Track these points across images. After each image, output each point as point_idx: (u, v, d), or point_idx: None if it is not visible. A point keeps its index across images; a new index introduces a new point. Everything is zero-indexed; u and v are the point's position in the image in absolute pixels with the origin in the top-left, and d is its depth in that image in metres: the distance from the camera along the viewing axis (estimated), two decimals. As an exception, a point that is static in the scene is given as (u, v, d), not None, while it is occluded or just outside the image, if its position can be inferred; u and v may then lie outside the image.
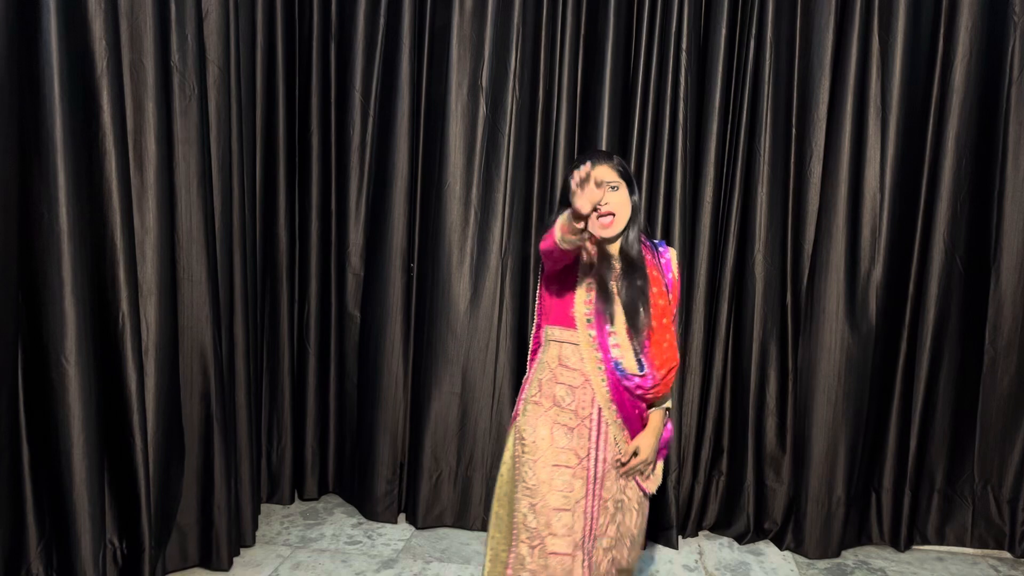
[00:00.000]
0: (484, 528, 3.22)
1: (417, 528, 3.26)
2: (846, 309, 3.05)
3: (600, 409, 2.00)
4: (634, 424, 2.05)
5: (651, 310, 1.98)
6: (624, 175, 2.00)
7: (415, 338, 3.34)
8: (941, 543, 3.23)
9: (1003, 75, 3.01)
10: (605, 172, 1.96)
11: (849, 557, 3.13)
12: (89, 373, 2.26)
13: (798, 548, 3.12)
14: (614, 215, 1.97)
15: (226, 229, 2.73)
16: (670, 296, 2.05)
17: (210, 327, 2.65)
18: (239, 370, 2.91)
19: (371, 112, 3.27)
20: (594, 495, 2.00)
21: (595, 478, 2.00)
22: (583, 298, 1.99)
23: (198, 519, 2.72)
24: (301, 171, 3.33)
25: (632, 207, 2.00)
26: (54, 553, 2.35)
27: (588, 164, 1.75)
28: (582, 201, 1.69)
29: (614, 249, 2.03)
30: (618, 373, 1.98)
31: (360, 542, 3.11)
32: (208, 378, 2.67)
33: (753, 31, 3.02)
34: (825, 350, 3.06)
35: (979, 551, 3.22)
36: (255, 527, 3.07)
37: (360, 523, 3.28)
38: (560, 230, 1.81)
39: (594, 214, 1.90)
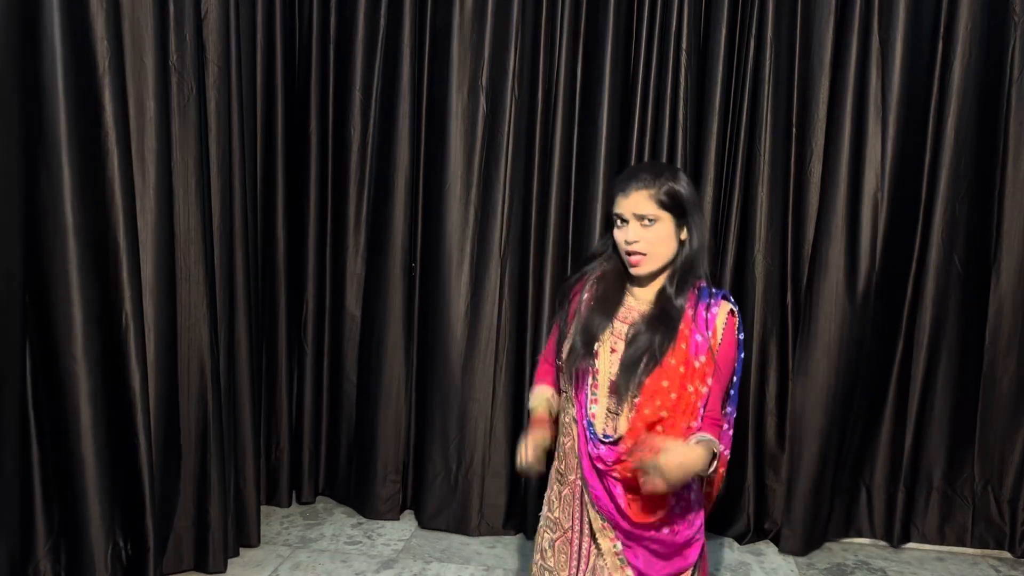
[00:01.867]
0: (483, 533, 3.22)
1: (419, 528, 3.25)
2: (845, 308, 3.04)
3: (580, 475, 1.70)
4: (612, 516, 1.65)
5: (653, 376, 1.59)
6: (668, 205, 1.61)
7: (416, 338, 3.34)
8: (941, 543, 3.23)
9: (1004, 75, 3.00)
10: (639, 203, 1.61)
11: (849, 557, 3.13)
12: (96, 372, 2.26)
13: (786, 543, 3.15)
14: (645, 255, 1.63)
15: (226, 229, 2.73)
16: (701, 359, 1.61)
17: (207, 327, 2.64)
18: (241, 371, 2.90)
19: (371, 112, 3.27)
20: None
21: (579, 556, 1.71)
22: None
23: (194, 522, 2.72)
24: (301, 171, 3.32)
25: (681, 243, 1.65)
26: (62, 552, 2.34)
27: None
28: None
29: (648, 291, 1.69)
30: (588, 434, 1.66)
31: (360, 542, 3.11)
32: (205, 378, 2.67)
33: (753, 31, 3.02)
34: (823, 351, 3.06)
35: (979, 551, 3.22)
36: (259, 527, 3.06)
37: (360, 523, 3.28)
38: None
39: (628, 254, 1.65)
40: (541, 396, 1.82)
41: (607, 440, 1.63)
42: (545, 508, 1.81)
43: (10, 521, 2.21)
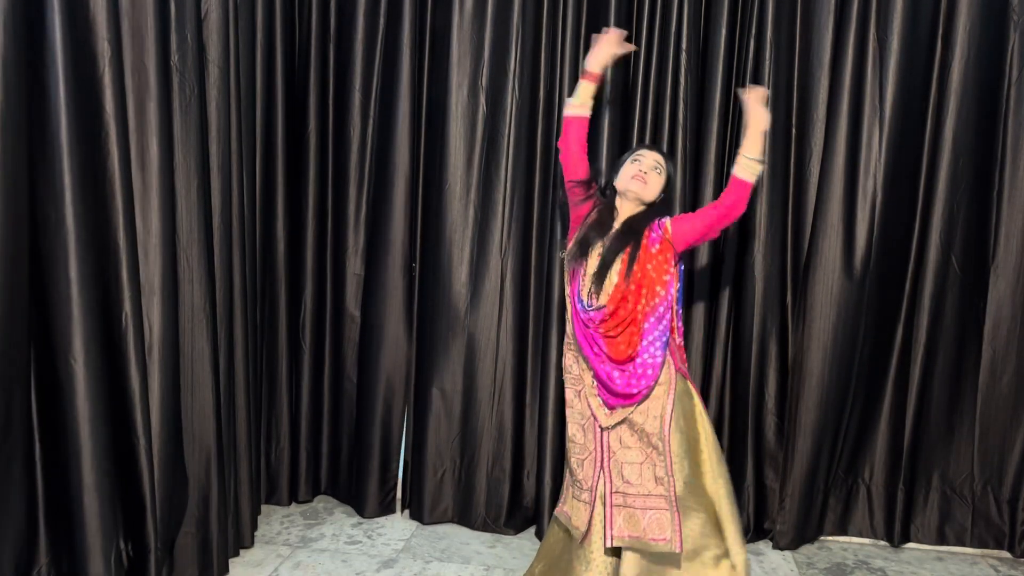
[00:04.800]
0: (486, 527, 3.23)
1: (421, 524, 3.26)
2: (841, 307, 3.05)
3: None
4: (597, 367, 2.42)
5: (631, 271, 2.39)
6: (667, 172, 2.51)
7: (416, 338, 3.35)
8: (941, 543, 3.24)
9: (1003, 76, 3.00)
10: (657, 159, 2.49)
11: (849, 557, 3.14)
12: (97, 373, 2.25)
13: (779, 537, 3.17)
14: (645, 182, 2.45)
15: (225, 229, 2.73)
16: (656, 247, 2.43)
17: (208, 327, 2.64)
18: (238, 371, 2.90)
19: (371, 112, 3.27)
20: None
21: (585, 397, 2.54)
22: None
23: (198, 525, 2.71)
24: (300, 171, 3.32)
25: (660, 195, 2.50)
26: (64, 556, 2.34)
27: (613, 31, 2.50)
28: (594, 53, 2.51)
29: (620, 217, 2.49)
30: (579, 305, 2.46)
31: (360, 542, 3.11)
32: (207, 379, 2.67)
33: (753, 31, 3.02)
34: (819, 349, 3.07)
35: (978, 551, 3.22)
36: (254, 528, 3.06)
37: (360, 523, 3.28)
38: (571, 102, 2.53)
39: (635, 175, 2.46)
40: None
41: (591, 308, 2.42)
42: (565, 373, 2.60)
43: (15, 526, 2.21)
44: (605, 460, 2.44)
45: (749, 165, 2.39)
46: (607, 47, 2.52)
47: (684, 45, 3.05)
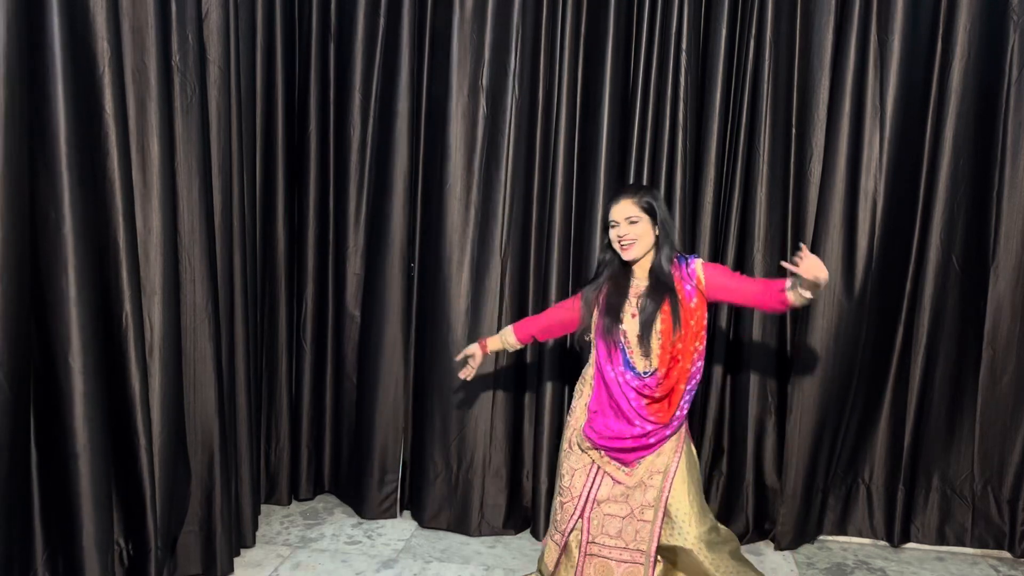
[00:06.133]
0: (485, 527, 3.22)
1: (419, 527, 3.26)
2: (842, 307, 3.05)
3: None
4: (611, 427, 2.34)
5: (676, 327, 2.28)
6: (646, 208, 2.30)
7: (416, 339, 3.35)
8: (941, 543, 3.23)
9: (1002, 76, 3.00)
10: (626, 208, 2.30)
11: (849, 557, 3.14)
12: (95, 374, 2.25)
13: (780, 538, 3.16)
14: (635, 241, 2.30)
15: (226, 229, 2.73)
16: (694, 301, 2.33)
17: (211, 327, 2.64)
18: (239, 370, 2.90)
19: (371, 112, 3.27)
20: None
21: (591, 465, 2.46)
22: (596, 312, 2.41)
23: (201, 525, 2.72)
24: (300, 171, 3.33)
25: (658, 233, 2.32)
26: (60, 557, 2.34)
27: None
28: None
29: (642, 268, 2.37)
30: (631, 374, 2.32)
31: (360, 542, 3.11)
32: (210, 380, 2.67)
33: (753, 31, 3.02)
34: (820, 349, 3.07)
35: (979, 551, 3.22)
36: (255, 527, 3.07)
37: (360, 523, 3.28)
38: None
39: (621, 246, 2.32)
40: (503, 334, 2.65)
41: (647, 374, 2.32)
42: (565, 444, 2.50)
43: (12, 527, 2.20)
44: (587, 509, 2.40)
45: (799, 297, 2.23)
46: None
47: (684, 45, 3.05)
